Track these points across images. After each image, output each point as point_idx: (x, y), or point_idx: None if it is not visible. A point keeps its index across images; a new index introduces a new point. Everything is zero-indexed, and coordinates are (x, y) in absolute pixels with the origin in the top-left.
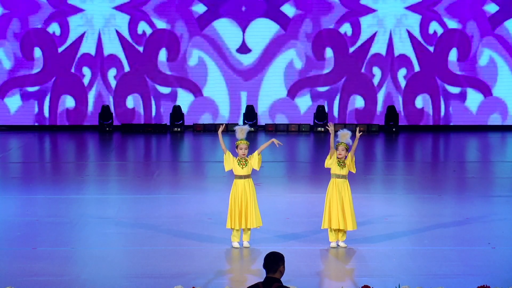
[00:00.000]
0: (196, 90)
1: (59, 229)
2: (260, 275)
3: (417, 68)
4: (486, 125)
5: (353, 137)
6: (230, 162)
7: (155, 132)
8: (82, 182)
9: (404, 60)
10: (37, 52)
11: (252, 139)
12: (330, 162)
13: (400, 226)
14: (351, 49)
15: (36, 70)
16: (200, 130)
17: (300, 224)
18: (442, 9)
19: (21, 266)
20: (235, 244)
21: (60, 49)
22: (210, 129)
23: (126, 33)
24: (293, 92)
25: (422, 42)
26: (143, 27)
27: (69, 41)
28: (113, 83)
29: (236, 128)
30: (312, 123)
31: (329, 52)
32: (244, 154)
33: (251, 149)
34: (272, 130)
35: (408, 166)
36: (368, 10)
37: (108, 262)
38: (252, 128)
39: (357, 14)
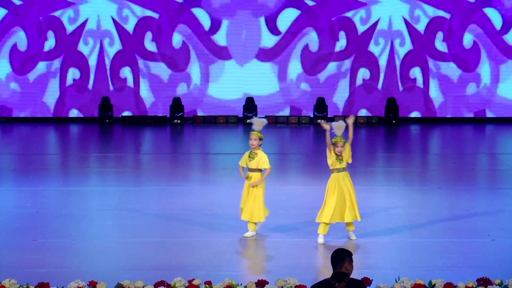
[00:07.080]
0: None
1: (59, 221)
2: (261, 266)
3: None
4: (485, 117)
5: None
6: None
7: (155, 124)
8: (82, 173)
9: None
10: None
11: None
12: (332, 160)
13: (400, 218)
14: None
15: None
16: (200, 122)
17: (300, 216)
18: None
19: (20, 257)
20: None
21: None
22: (210, 121)
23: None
24: (294, 83)
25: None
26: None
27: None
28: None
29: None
30: (312, 115)
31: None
32: (252, 145)
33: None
34: (272, 122)
35: (408, 158)
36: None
37: (108, 254)
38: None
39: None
